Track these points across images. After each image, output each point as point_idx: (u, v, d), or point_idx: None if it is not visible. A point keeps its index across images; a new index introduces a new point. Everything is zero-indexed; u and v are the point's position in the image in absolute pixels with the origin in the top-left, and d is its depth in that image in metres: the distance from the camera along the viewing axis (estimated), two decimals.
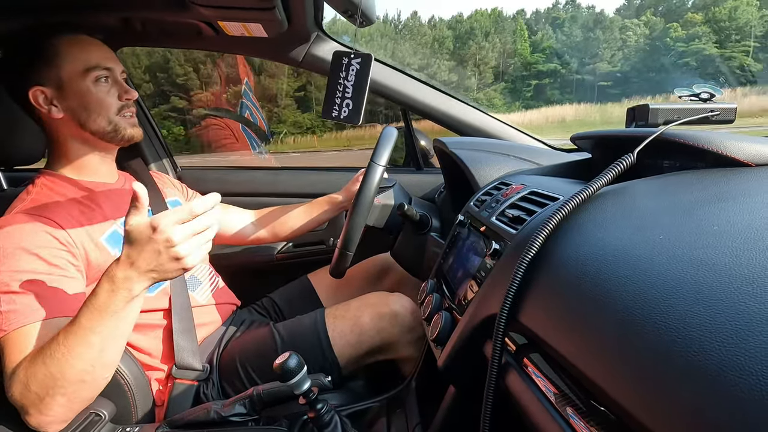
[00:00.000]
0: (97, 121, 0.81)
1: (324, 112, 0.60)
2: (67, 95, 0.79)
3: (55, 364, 0.60)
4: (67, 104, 0.79)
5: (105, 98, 0.81)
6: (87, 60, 0.79)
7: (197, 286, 0.93)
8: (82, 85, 0.79)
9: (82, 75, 0.79)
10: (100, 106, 0.80)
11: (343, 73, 0.59)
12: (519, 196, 0.63)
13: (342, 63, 0.59)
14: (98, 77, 0.80)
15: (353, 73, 0.59)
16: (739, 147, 0.47)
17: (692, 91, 0.64)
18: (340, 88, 0.59)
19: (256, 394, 0.73)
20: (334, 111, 0.60)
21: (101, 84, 0.81)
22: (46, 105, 0.78)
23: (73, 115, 0.80)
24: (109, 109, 0.81)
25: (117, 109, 0.82)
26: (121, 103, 0.83)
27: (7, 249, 0.67)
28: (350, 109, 0.59)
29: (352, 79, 0.59)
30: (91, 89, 0.79)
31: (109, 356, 0.64)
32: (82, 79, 0.79)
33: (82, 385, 0.62)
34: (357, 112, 0.59)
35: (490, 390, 0.42)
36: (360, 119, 0.59)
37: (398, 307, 0.92)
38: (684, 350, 0.25)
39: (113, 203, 0.84)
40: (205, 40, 1.21)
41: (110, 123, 0.82)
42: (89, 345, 0.60)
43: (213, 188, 1.26)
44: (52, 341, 0.61)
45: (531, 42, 43.59)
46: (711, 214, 0.36)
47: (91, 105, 0.80)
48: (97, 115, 0.81)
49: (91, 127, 0.81)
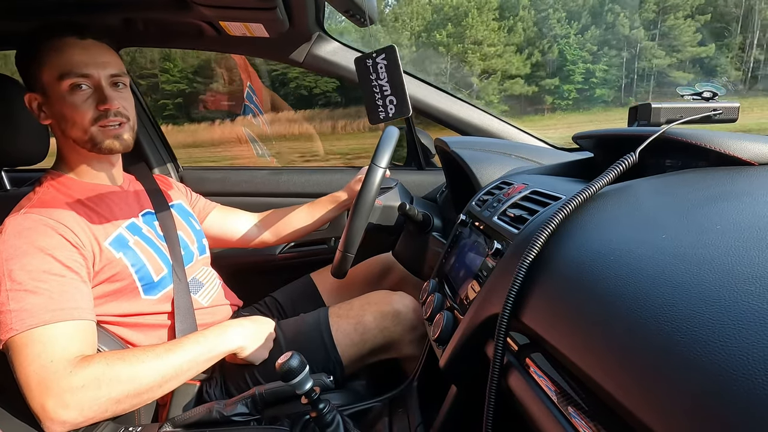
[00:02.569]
0: (74, 130, 0.78)
1: (371, 119, 0.60)
2: (50, 102, 0.77)
3: (136, 366, 0.67)
4: (52, 111, 0.77)
5: (79, 107, 0.76)
6: (61, 66, 0.75)
7: (199, 288, 0.93)
8: (58, 91, 0.75)
9: (57, 81, 0.75)
10: (74, 114, 0.76)
11: (372, 75, 0.59)
12: (521, 195, 0.63)
13: (368, 66, 0.59)
14: (72, 84, 0.75)
15: (383, 71, 0.58)
16: (741, 146, 0.47)
17: (695, 89, 0.64)
18: (377, 90, 0.59)
19: (258, 394, 0.73)
20: (381, 113, 0.60)
21: (77, 92, 0.76)
22: (37, 110, 0.78)
23: (57, 123, 0.78)
24: (83, 118, 0.77)
25: (93, 118, 0.77)
26: (99, 113, 0.77)
27: (21, 247, 0.67)
28: (395, 104, 0.59)
29: (384, 76, 0.58)
30: (66, 97, 0.75)
31: (174, 384, 0.72)
32: (57, 86, 0.75)
33: (136, 396, 0.67)
34: (404, 104, 0.59)
35: (492, 390, 0.42)
36: (410, 109, 0.59)
37: (401, 306, 0.92)
38: (687, 350, 0.25)
39: (118, 206, 0.85)
40: (206, 40, 1.21)
41: (86, 133, 0.78)
42: (177, 367, 0.71)
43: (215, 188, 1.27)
44: (145, 347, 0.71)
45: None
46: (714, 213, 0.36)
47: (66, 113, 0.76)
48: (72, 125, 0.77)
49: (72, 136, 0.79)
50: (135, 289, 0.80)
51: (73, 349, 0.65)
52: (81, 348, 0.66)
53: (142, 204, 0.92)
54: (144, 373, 0.67)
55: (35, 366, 0.62)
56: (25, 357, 0.62)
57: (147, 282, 0.82)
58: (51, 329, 0.64)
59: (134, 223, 0.85)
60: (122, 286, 0.79)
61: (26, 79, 0.78)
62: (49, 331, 0.64)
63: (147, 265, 0.82)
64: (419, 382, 0.86)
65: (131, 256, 0.80)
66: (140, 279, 0.81)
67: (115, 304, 0.79)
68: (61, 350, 0.64)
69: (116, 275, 0.77)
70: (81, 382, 0.62)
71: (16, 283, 0.65)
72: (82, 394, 0.62)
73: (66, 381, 0.62)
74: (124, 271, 0.78)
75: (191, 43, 1.27)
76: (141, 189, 0.95)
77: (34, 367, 0.62)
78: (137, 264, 0.81)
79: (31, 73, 0.77)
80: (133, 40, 1.24)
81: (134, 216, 0.87)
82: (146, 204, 0.92)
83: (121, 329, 0.81)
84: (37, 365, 0.62)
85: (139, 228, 0.86)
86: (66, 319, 0.66)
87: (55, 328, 0.65)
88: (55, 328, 0.64)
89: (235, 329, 0.80)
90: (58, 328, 0.65)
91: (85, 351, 0.66)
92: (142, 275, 0.81)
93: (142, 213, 0.89)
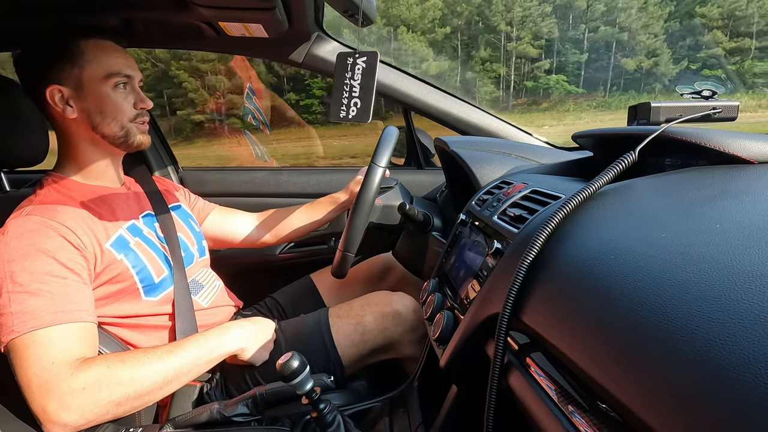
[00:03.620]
0: (111, 125, 0.82)
1: (331, 115, 0.60)
2: (84, 96, 0.79)
3: (137, 368, 0.67)
4: (83, 105, 0.80)
5: (122, 104, 0.82)
6: (110, 65, 0.80)
7: (199, 290, 0.93)
8: (101, 88, 0.80)
9: (103, 79, 0.80)
10: (116, 111, 0.82)
11: (348, 73, 0.59)
12: (520, 195, 0.63)
13: (347, 63, 0.59)
14: (117, 83, 0.81)
15: (359, 72, 0.58)
16: (741, 144, 0.47)
17: (694, 88, 0.64)
18: (346, 89, 0.59)
19: (258, 395, 0.73)
20: (342, 112, 0.59)
21: (120, 90, 0.82)
22: (62, 104, 0.79)
23: (87, 117, 0.80)
24: (123, 115, 0.83)
25: (132, 116, 0.84)
26: (136, 111, 0.84)
27: (23, 249, 0.67)
28: (358, 108, 0.59)
29: (358, 78, 0.58)
30: (110, 94, 0.81)
31: (175, 386, 0.72)
32: (102, 83, 0.80)
33: (136, 399, 0.66)
34: (366, 111, 0.59)
35: (492, 389, 0.42)
36: (369, 117, 0.59)
37: (401, 307, 0.92)
38: (686, 348, 0.25)
39: (119, 208, 0.85)
40: (206, 40, 1.21)
41: (123, 128, 0.83)
42: (178, 369, 0.71)
43: (215, 189, 1.26)
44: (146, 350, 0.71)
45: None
46: (713, 211, 0.36)
47: (107, 109, 0.81)
48: (112, 119, 0.82)
49: (104, 131, 0.82)
50: (136, 291, 0.80)
51: (74, 351, 0.65)
52: (82, 350, 0.66)
53: (143, 206, 0.92)
54: (145, 375, 0.67)
55: (36, 368, 0.62)
56: (26, 359, 0.62)
57: (148, 283, 0.82)
58: (52, 331, 0.64)
59: (135, 224, 0.85)
60: (123, 288, 0.79)
61: (47, 73, 0.78)
62: (50, 333, 0.64)
63: (148, 267, 0.82)
64: (420, 381, 0.86)
65: (132, 257, 0.80)
66: (141, 280, 0.81)
67: (116, 306, 0.79)
68: (62, 352, 0.64)
69: (117, 277, 0.77)
70: (82, 385, 0.62)
71: (18, 284, 0.65)
72: (83, 396, 0.62)
73: (67, 383, 0.62)
74: (125, 273, 0.78)
75: (191, 44, 1.27)
76: (141, 191, 0.95)
77: (35, 369, 0.62)
78: (138, 265, 0.81)
79: (59, 68, 0.78)
80: (133, 40, 1.24)
81: (135, 218, 0.87)
82: (146, 206, 0.93)
83: (122, 330, 0.81)
84: (38, 367, 0.62)
85: (140, 230, 0.86)
86: (67, 321, 0.66)
87: (57, 330, 0.64)
88: (56, 330, 0.64)
89: (235, 331, 0.80)
90: (60, 330, 0.65)
91: (86, 353, 0.66)
92: (143, 277, 0.81)
93: (142, 215, 0.89)
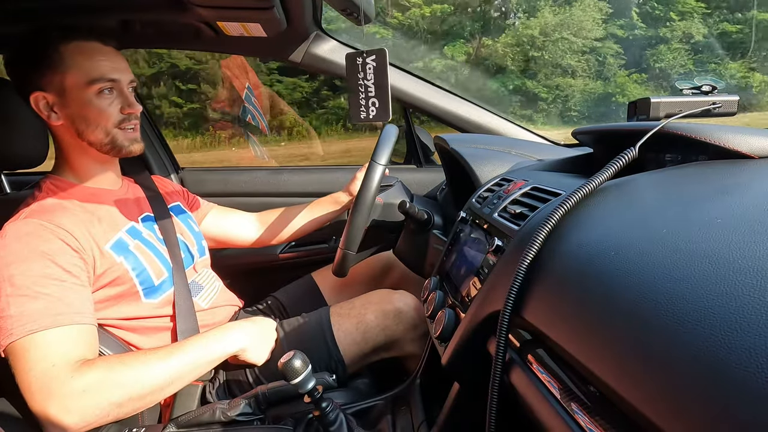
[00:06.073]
0: (96, 132, 0.79)
1: (352, 117, 0.60)
2: (67, 103, 0.77)
3: (138, 369, 0.67)
4: (67, 112, 0.78)
5: (106, 110, 0.79)
6: (92, 71, 0.77)
7: (199, 291, 0.93)
8: (83, 95, 0.77)
9: (85, 86, 0.76)
10: (99, 117, 0.78)
11: (360, 73, 0.59)
12: (521, 192, 0.63)
13: (357, 64, 0.59)
14: (101, 89, 0.78)
15: (371, 72, 0.59)
16: (741, 139, 0.47)
17: (694, 83, 0.64)
18: (362, 90, 0.59)
19: (261, 394, 0.73)
20: (362, 113, 0.59)
21: (104, 96, 0.78)
22: (47, 111, 0.77)
23: (71, 124, 0.78)
24: (108, 121, 0.79)
25: (117, 121, 0.80)
26: (122, 116, 0.81)
27: (21, 252, 0.67)
28: (377, 107, 0.59)
29: (371, 77, 0.58)
30: (93, 100, 0.77)
31: (177, 387, 0.71)
32: (84, 90, 0.76)
33: (138, 400, 0.66)
34: (385, 110, 0.59)
35: (494, 386, 0.42)
36: (389, 116, 0.59)
37: (402, 305, 0.92)
38: (689, 344, 0.25)
39: (118, 210, 0.85)
40: (204, 40, 1.21)
41: (107, 135, 0.80)
42: (179, 370, 0.70)
43: (215, 189, 1.26)
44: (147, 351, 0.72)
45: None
46: (714, 206, 0.36)
47: (90, 116, 0.78)
48: (96, 127, 0.79)
49: (89, 138, 0.79)
50: (136, 293, 0.80)
51: (74, 353, 0.65)
52: (82, 352, 0.66)
53: (142, 208, 0.92)
54: (146, 376, 0.67)
55: (36, 371, 0.62)
56: (26, 362, 0.62)
57: (148, 286, 0.82)
58: (52, 334, 0.64)
59: (134, 227, 0.85)
60: (123, 291, 0.78)
61: (30, 79, 0.77)
62: (50, 335, 0.64)
63: (148, 269, 0.82)
64: (422, 379, 0.86)
65: (132, 260, 0.80)
66: (141, 283, 0.81)
67: (116, 308, 0.79)
68: (62, 355, 0.64)
69: (117, 279, 0.77)
70: (82, 387, 0.62)
71: (17, 288, 0.65)
72: (84, 398, 0.62)
73: (67, 386, 0.62)
74: (125, 276, 0.78)
75: (189, 44, 1.27)
76: (140, 192, 0.95)
77: (35, 372, 0.62)
78: (138, 268, 0.81)
79: (41, 74, 0.76)
80: (130, 41, 1.24)
81: (134, 220, 0.86)
82: (146, 208, 0.92)
83: (123, 332, 0.81)
84: (39, 370, 0.62)
85: (140, 232, 0.86)
86: (67, 324, 0.66)
87: (56, 332, 0.64)
88: (56, 332, 0.64)
89: (236, 331, 0.80)
90: (59, 332, 0.65)
91: (86, 355, 0.66)
92: (143, 279, 0.81)
93: (141, 217, 0.89)
